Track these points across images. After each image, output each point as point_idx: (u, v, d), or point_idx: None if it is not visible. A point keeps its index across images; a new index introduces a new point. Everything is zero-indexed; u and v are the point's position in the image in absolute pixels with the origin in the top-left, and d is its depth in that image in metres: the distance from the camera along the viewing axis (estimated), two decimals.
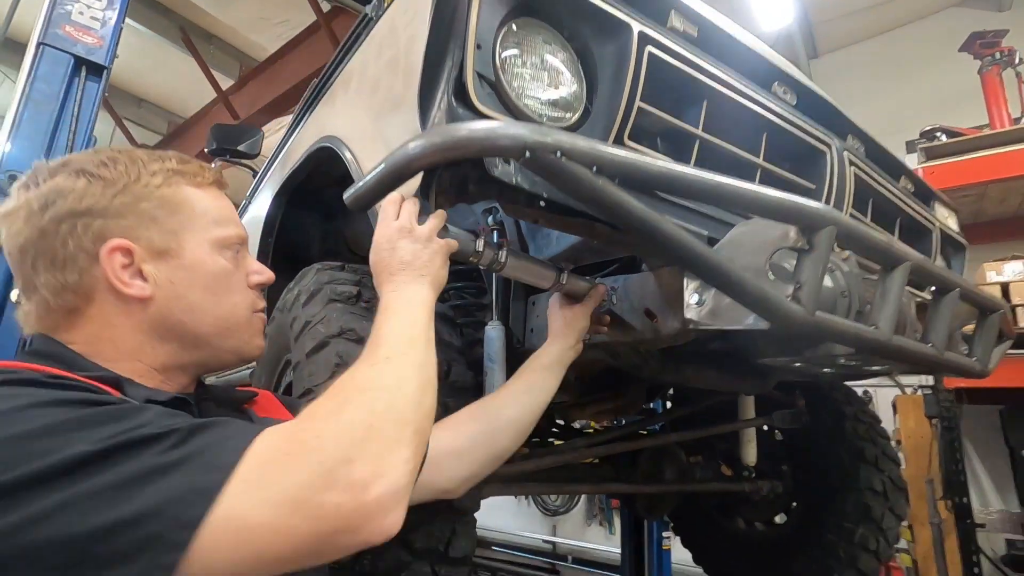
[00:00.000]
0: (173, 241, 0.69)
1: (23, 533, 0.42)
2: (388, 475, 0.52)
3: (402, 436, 0.56)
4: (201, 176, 0.75)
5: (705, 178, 0.76)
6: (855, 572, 1.84)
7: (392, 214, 0.81)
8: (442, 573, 0.89)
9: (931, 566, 3.20)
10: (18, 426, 0.47)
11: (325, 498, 0.48)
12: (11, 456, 0.45)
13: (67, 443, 0.46)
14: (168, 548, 0.44)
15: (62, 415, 0.48)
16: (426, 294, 0.76)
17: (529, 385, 1.03)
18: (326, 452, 0.50)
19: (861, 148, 1.45)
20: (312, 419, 0.55)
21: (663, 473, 1.79)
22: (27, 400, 0.50)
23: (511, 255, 0.92)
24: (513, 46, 0.86)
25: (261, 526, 0.46)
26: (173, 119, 6.89)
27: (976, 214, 3.75)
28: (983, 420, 3.58)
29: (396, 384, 0.61)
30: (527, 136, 0.66)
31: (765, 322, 0.85)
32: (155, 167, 0.71)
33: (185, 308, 0.69)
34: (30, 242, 0.65)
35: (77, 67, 1.93)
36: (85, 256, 0.65)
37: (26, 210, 0.66)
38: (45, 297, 0.65)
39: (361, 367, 0.64)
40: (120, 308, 0.66)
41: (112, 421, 0.49)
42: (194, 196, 0.73)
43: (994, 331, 1.30)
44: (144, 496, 0.45)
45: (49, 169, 0.68)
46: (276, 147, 2.26)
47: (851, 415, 1.92)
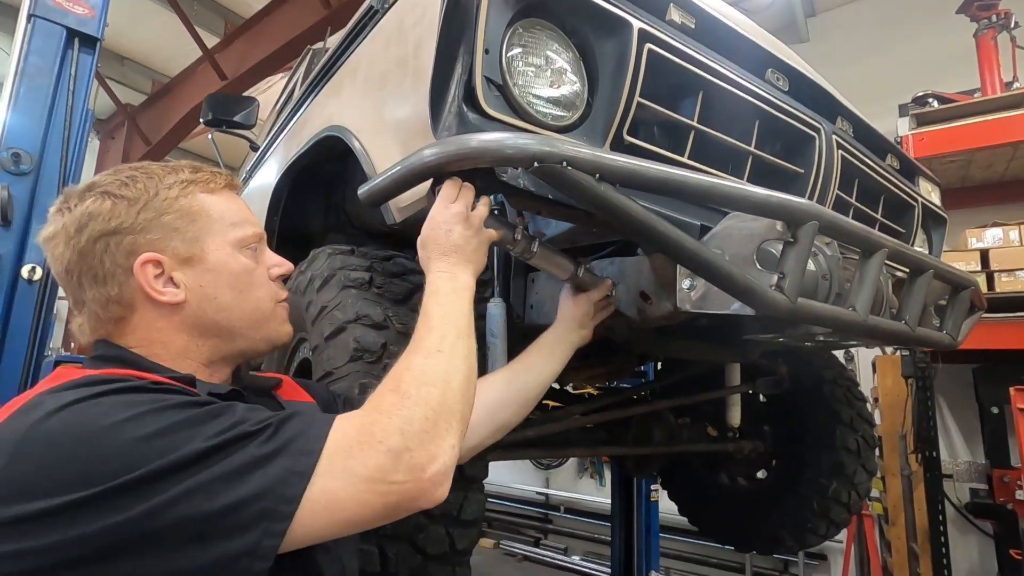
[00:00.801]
0: (196, 247, 0.75)
1: (164, 514, 0.53)
2: (440, 458, 0.64)
3: (450, 426, 0.67)
4: (214, 182, 0.80)
5: (698, 181, 0.82)
6: (828, 522, 2.01)
7: (451, 195, 0.85)
8: (455, 534, 0.99)
9: (900, 514, 3.44)
10: (142, 428, 0.56)
11: (393, 478, 0.60)
12: (142, 454, 0.54)
13: (186, 440, 0.56)
14: (278, 519, 0.56)
15: (174, 417, 0.58)
16: (470, 281, 0.84)
17: (531, 364, 1.11)
18: (392, 442, 0.61)
19: (850, 129, 1.50)
20: (379, 412, 0.65)
21: (653, 436, 1.91)
22: (148, 406, 0.58)
23: (541, 246, 0.99)
24: (518, 47, 0.89)
25: (347, 500, 0.59)
26: (157, 78, 6.69)
27: (963, 179, 3.82)
28: (957, 378, 3.76)
29: (447, 378, 0.70)
30: (535, 147, 0.71)
31: (751, 309, 0.92)
32: (170, 180, 0.76)
33: (217, 308, 0.76)
34: (73, 263, 0.72)
35: (70, 39, 1.90)
36: (122, 271, 0.71)
37: (64, 234, 0.72)
38: (95, 310, 0.73)
39: (416, 358, 0.71)
40: (160, 313, 0.73)
41: (213, 418, 0.59)
42: (209, 202, 0.78)
43: (965, 305, 1.39)
44: (254, 480, 0.56)
45: (78, 194, 0.74)
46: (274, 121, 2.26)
47: (830, 379, 2.04)
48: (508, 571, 6.20)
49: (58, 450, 0.54)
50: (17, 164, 1.76)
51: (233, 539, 0.55)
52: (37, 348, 1.72)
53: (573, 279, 1.10)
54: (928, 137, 3.26)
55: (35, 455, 0.55)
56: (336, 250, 1.21)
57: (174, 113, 5.80)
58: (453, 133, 0.84)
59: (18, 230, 1.75)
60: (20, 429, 0.56)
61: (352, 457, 0.60)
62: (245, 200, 0.85)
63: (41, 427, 0.56)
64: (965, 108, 3.26)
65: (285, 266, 0.85)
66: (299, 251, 1.55)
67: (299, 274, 1.29)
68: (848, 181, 1.46)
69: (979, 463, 3.55)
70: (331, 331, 1.03)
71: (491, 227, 0.89)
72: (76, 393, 0.59)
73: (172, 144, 6.23)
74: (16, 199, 1.75)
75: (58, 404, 0.57)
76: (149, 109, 6.29)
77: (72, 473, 0.53)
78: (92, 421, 0.56)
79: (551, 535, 6.86)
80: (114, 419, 0.56)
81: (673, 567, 5.66)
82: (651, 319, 1.16)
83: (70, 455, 0.54)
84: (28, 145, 1.79)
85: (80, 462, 0.54)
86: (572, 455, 2.28)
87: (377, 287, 1.08)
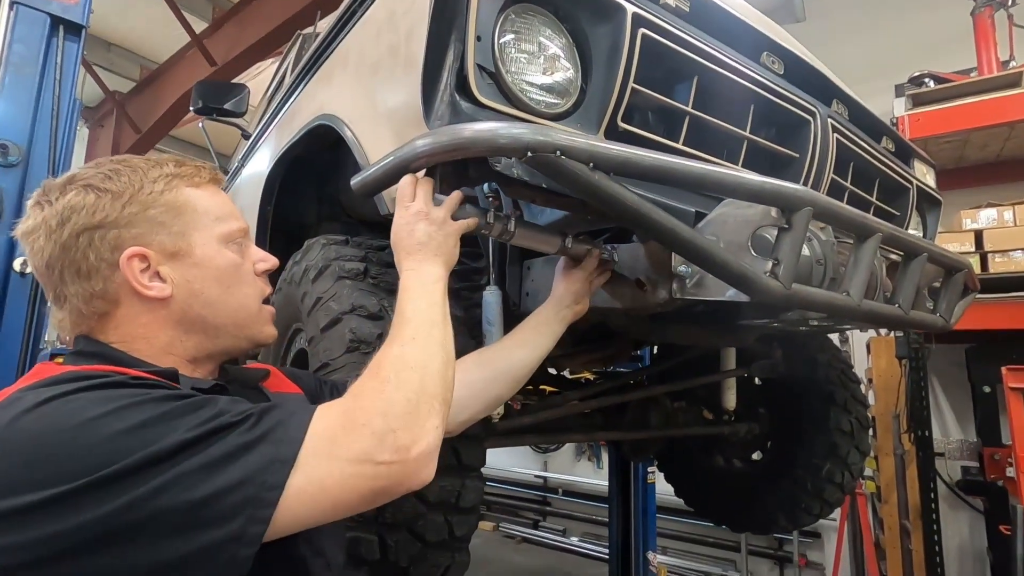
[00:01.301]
0: (182, 242, 0.74)
1: (144, 506, 0.53)
2: (423, 439, 0.65)
3: (432, 407, 0.68)
4: (198, 176, 0.79)
5: (692, 169, 0.82)
6: (821, 502, 2.04)
7: (409, 195, 0.87)
8: (454, 521, 1.00)
9: (892, 492, 3.49)
10: (122, 422, 0.56)
11: (379, 459, 0.61)
12: (122, 447, 0.55)
13: (168, 432, 0.56)
14: (262, 505, 0.57)
15: (153, 411, 0.58)
16: (440, 272, 0.85)
17: (524, 340, 1.12)
18: (375, 425, 0.62)
19: (845, 112, 1.50)
20: (360, 398, 0.66)
21: (649, 420, 1.93)
22: (127, 400, 0.58)
23: (519, 226, 0.98)
24: (511, 33, 0.88)
25: (333, 484, 0.60)
26: (145, 64, 6.56)
27: (958, 159, 3.82)
28: (950, 357, 3.79)
29: (424, 363, 0.71)
30: (528, 137, 0.71)
31: (746, 296, 0.93)
32: (155, 174, 0.75)
33: (203, 302, 0.75)
34: (55, 257, 0.70)
35: (54, 27, 1.86)
36: (106, 265, 0.70)
37: (45, 228, 0.70)
38: (77, 306, 0.71)
39: (393, 348, 0.73)
40: (145, 308, 0.73)
41: (194, 411, 0.59)
42: (194, 196, 0.77)
43: (959, 287, 1.40)
44: (237, 468, 0.57)
45: (59, 187, 0.72)
46: (265, 109, 2.23)
47: (824, 362, 2.05)
48: (507, 553, 6.29)
49: (37, 446, 0.55)
50: (5, 156, 1.74)
51: (217, 528, 0.55)
52: (32, 341, 1.72)
53: (563, 251, 1.09)
54: (924, 118, 3.25)
55: (13, 452, 0.55)
56: (330, 240, 1.21)
57: (163, 100, 5.71)
58: (446, 122, 0.83)
59: (8, 223, 1.73)
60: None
61: (336, 442, 0.61)
62: (238, 189, 0.85)
63: (18, 423, 0.56)
64: (961, 88, 3.25)
65: (270, 261, 0.85)
66: (293, 240, 1.54)
67: (293, 264, 1.28)
68: (843, 164, 1.45)
69: (971, 441, 3.60)
70: (327, 322, 1.03)
71: (460, 216, 0.89)
72: (54, 389, 0.58)
73: (163, 132, 6.14)
74: (5, 191, 1.74)
75: (36, 400, 0.57)
76: (138, 96, 6.19)
77: (51, 469, 0.53)
78: (71, 416, 0.56)
79: (550, 517, 6.94)
80: (93, 414, 0.56)
81: (670, 546, 5.76)
82: (647, 306, 1.16)
83: (49, 451, 0.54)
84: (15, 136, 1.77)
85: (59, 458, 0.54)
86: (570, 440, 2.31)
87: (372, 277, 1.08)
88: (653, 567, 3.59)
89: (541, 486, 7.11)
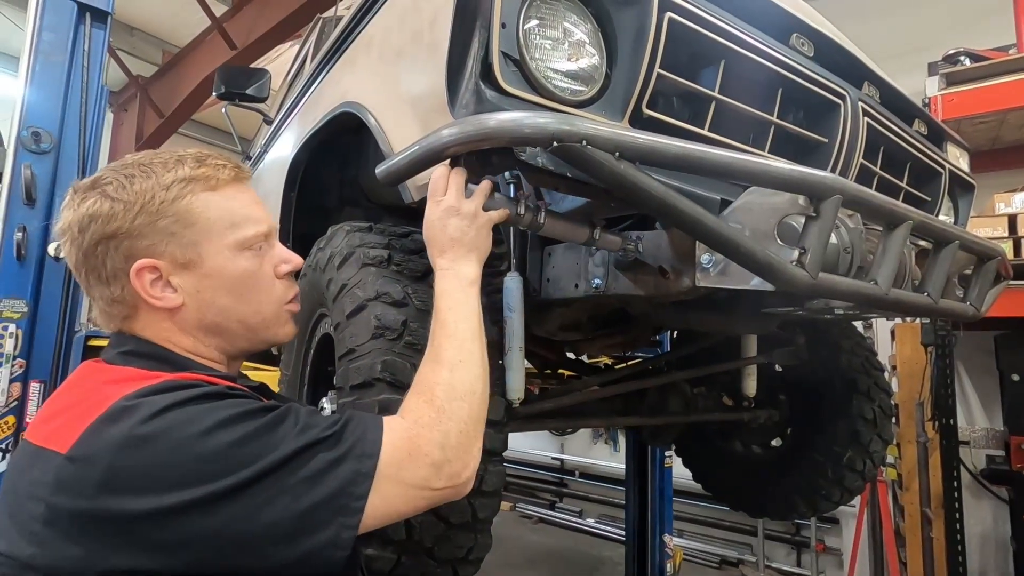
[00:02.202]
0: (193, 252, 0.74)
1: (258, 516, 0.60)
2: (471, 463, 0.76)
3: (478, 431, 0.77)
4: (215, 178, 0.77)
5: (718, 157, 0.81)
6: (842, 489, 2.02)
7: (440, 189, 0.87)
8: (477, 504, 1.02)
9: (914, 480, 3.46)
10: (230, 435, 0.62)
11: (436, 486, 0.71)
12: (235, 459, 0.61)
13: (268, 447, 0.63)
14: (351, 513, 0.65)
15: (254, 423, 0.64)
16: (474, 271, 0.87)
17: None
18: (434, 456, 0.71)
19: (877, 94, 1.45)
20: (420, 426, 0.73)
21: (668, 405, 1.93)
22: (228, 411, 0.64)
23: (549, 216, 0.98)
24: (535, 20, 0.87)
25: (400, 503, 0.69)
26: (167, 48, 6.63)
27: (993, 141, 3.69)
28: (978, 344, 3.71)
29: (472, 388, 0.78)
30: (554, 127, 0.70)
31: (770, 285, 0.92)
32: (169, 179, 0.74)
33: (216, 311, 0.76)
34: (80, 262, 0.74)
35: (81, 14, 1.89)
36: (123, 273, 0.72)
37: (70, 234, 0.73)
38: (103, 307, 0.75)
39: (442, 371, 0.77)
40: (162, 316, 0.75)
41: (281, 422, 0.66)
42: (210, 202, 0.75)
43: (991, 275, 1.37)
44: (330, 481, 0.65)
45: (84, 189, 0.74)
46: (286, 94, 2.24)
47: (847, 349, 2.02)
48: (524, 533, 6.39)
49: (159, 453, 0.60)
50: (38, 143, 1.78)
51: (317, 534, 0.62)
52: (68, 324, 1.77)
53: (591, 242, 1.08)
54: (958, 98, 3.14)
55: (139, 457, 0.59)
56: (354, 227, 1.22)
57: (185, 84, 5.77)
58: (471, 111, 0.83)
59: (42, 208, 1.78)
60: (118, 434, 0.60)
61: (403, 467, 0.69)
62: (261, 175, 0.86)
63: (139, 431, 0.60)
64: (999, 66, 3.12)
65: (293, 262, 0.84)
66: (317, 223, 1.56)
67: (318, 251, 1.30)
68: (873, 149, 1.42)
69: (997, 430, 3.53)
70: (352, 309, 1.05)
71: (491, 207, 0.89)
72: (166, 399, 0.63)
73: (185, 115, 6.21)
74: (38, 177, 1.78)
75: (152, 410, 0.61)
76: (160, 80, 6.26)
77: (174, 476, 0.59)
78: (185, 426, 0.61)
79: (566, 498, 7.03)
80: (205, 425, 0.61)
81: (686, 529, 5.79)
82: (669, 294, 1.15)
83: (170, 459, 0.60)
84: (47, 123, 1.81)
85: (179, 466, 0.59)
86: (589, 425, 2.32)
87: (396, 264, 1.09)
88: (669, 549, 3.62)
89: (558, 468, 7.19)
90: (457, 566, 1.05)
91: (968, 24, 4.36)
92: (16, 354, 1.70)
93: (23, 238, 1.72)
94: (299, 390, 1.44)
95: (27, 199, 1.74)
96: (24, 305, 1.71)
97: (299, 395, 1.44)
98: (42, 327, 1.74)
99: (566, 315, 1.65)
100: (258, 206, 0.82)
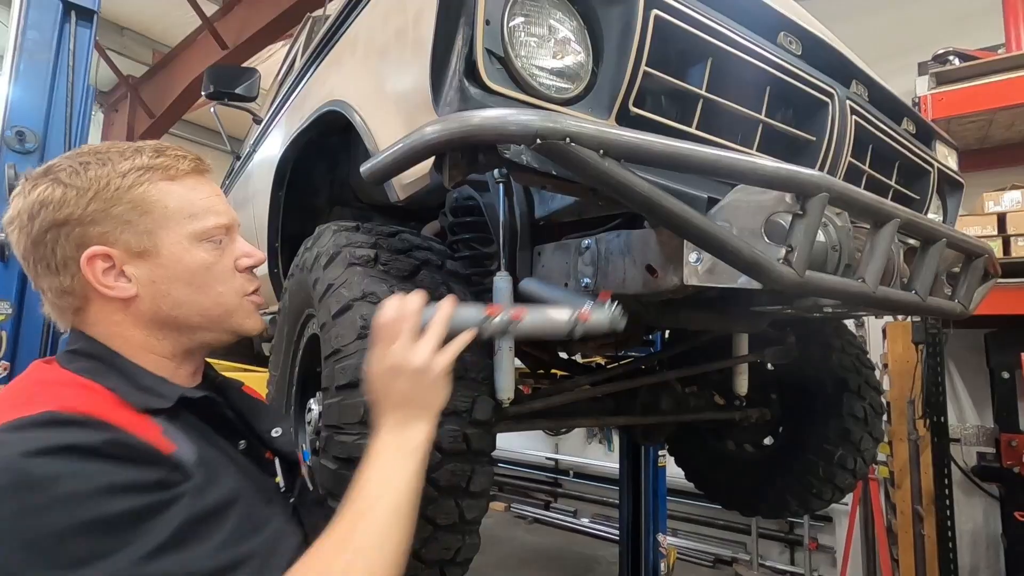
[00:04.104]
0: (148, 241, 0.71)
1: None
2: None
3: None
4: (175, 168, 0.74)
5: (704, 155, 0.80)
6: (833, 488, 2.03)
7: (390, 335, 0.77)
8: (464, 505, 1.02)
9: (905, 477, 3.47)
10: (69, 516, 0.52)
11: None
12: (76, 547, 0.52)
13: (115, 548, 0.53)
14: None
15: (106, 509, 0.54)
16: (424, 432, 0.76)
17: None
18: None
19: (865, 93, 1.46)
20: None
21: (660, 405, 1.93)
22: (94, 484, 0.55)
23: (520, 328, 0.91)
24: (520, 17, 0.87)
25: None
26: (158, 48, 6.59)
27: (982, 140, 3.71)
28: (969, 342, 3.73)
29: (380, 550, 0.66)
30: (537, 124, 0.70)
31: (758, 283, 0.92)
32: (125, 167, 0.71)
33: (171, 304, 0.72)
34: (28, 251, 0.70)
35: (66, 12, 1.87)
36: (73, 262, 0.69)
37: (19, 221, 0.70)
38: (52, 300, 0.72)
39: (343, 556, 0.64)
40: (114, 307, 0.71)
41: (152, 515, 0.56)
42: (168, 191, 0.72)
43: (978, 274, 1.38)
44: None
45: (35, 177, 0.71)
46: (275, 93, 2.23)
47: (838, 348, 2.03)
48: (519, 533, 6.38)
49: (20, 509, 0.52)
50: (22, 142, 1.76)
51: None
52: (53, 326, 1.75)
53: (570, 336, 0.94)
54: (947, 97, 3.15)
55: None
56: (341, 227, 1.21)
57: (176, 84, 5.74)
58: (455, 108, 0.82)
59: None
60: None
61: None
62: (251, 174, 0.84)
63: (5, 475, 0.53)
64: (988, 65, 3.14)
65: (255, 256, 0.81)
66: (308, 223, 1.55)
67: (305, 251, 1.29)
68: (861, 147, 1.42)
69: (988, 427, 3.55)
70: (338, 309, 1.04)
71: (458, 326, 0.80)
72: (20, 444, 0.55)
73: (176, 116, 6.18)
74: (22, 178, 1.76)
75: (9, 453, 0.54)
76: (151, 80, 6.22)
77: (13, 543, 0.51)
78: (23, 493, 0.53)
79: (561, 498, 7.03)
80: (51, 494, 0.53)
81: (680, 528, 5.81)
82: (658, 292, 1.15)
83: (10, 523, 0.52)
84: (31, 122, 1.79)
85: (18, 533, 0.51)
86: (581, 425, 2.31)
87: (383, 264, 1.08)
88: (663, 549, 3.63)
89: (552, 468, 7.19)
90: (445, 568, 1.04)
91: (958, 24, 4.39)
92: (1, 356, 1.68)
93: (7, 239, 1.69)
94: (287, 391, 1.43)
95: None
96: (8, 307, 1.69)
97: (287, 396, 1.43)
98: (27, 329, 1.72)
99: None
100: (219, 198, 0.79)
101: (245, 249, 0.80)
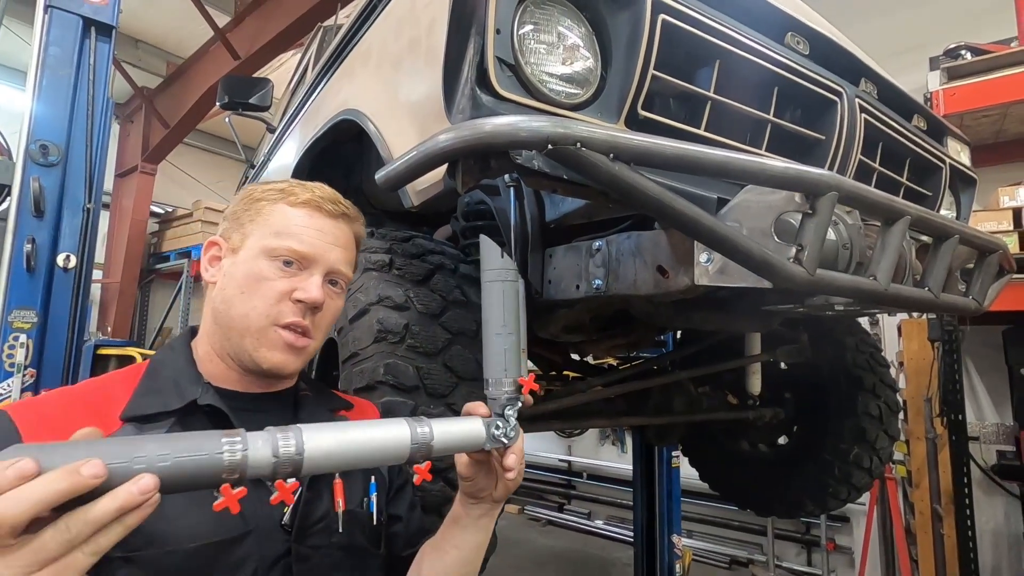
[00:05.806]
0: (241, 241, 0.81)
1: None
2: None
3: None
4: (295, 196, 0.82)
5: (713, 156, 0.81)
6: (849, 487, 2.02)
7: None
8: None
9: (924, 476, 3.43)
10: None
11: None
12: None
13: None
14: None
15: None
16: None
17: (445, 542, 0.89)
18: None
19: (874, 90, 1.46)
20: None
21: (673, 405, 1.93)
22: None
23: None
24: (530, 24, 0.88)
25: None
26: (172, 59, 6.69)
27: (996, 134, 3.67)
28: (986, 339, 3.69)
29: None
30: (549, 130, 0.71)
31: (768, 282, 0.92)
32: (269, 187, 0.84)
33: (224, 298, 0.79)
34: None
35: (86, 29, 1.92)
36: None
37: None
38: None
39: None
40: (210, 291, 0.82)
41: None
42: (278, 211, 0.81)
43: (993, 269, 1.37)
44: None
45: None
46: (288, 102, 2.26)
47: (852, 346, 2.02)
48: (533, 535, 6.38)
49: None
50: (45, 156, 1.81)
51: None
52: (77, 334, 1.80)
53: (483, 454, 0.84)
54: (960, 92, 3.13)
55: None
56: None
57: (190, 95, 5.83)
58: (467, 116, 0.84)
59: (51, 220, 1.81)
60: None
61: None
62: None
63: None
64: (1001, 59, 3.11)
65: (309, 295, 0.77)
66: None
67: None
68: (872, 145, 1.42)
69: (1007, 425, 3.51)
70: (355, 313, 1.06)
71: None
72: None
73: (190, 126, 6.28)
74: (46, 190, 1.81)
75: None
76: (165, 91, 6.33)
77: None
78: None
79: (574, 500, 7.02)
80: None
81: (695, 530, 5.77)
82: (669, 293, 1.16)
83: None
84: (54, 136, 1.84)
85: None
86: (594, 426, 2.31)
87: (397, 268, 1.11)
88: (678, 550, 3.61)
89: (566, 470, 7.18)
90: None
91: (969, 18, 4.35)
92: (27, 364, 1.73)
93: (32, 249, 1.75)
94: None
95: (35, 211, 1.77)
96: (34, 315, 1.74)
97: None
98: (52, 337, 1.76)
99: (569, 317, 1.66)
100: (316, 232, 0.80)
101: (307, 285, 0.78)
